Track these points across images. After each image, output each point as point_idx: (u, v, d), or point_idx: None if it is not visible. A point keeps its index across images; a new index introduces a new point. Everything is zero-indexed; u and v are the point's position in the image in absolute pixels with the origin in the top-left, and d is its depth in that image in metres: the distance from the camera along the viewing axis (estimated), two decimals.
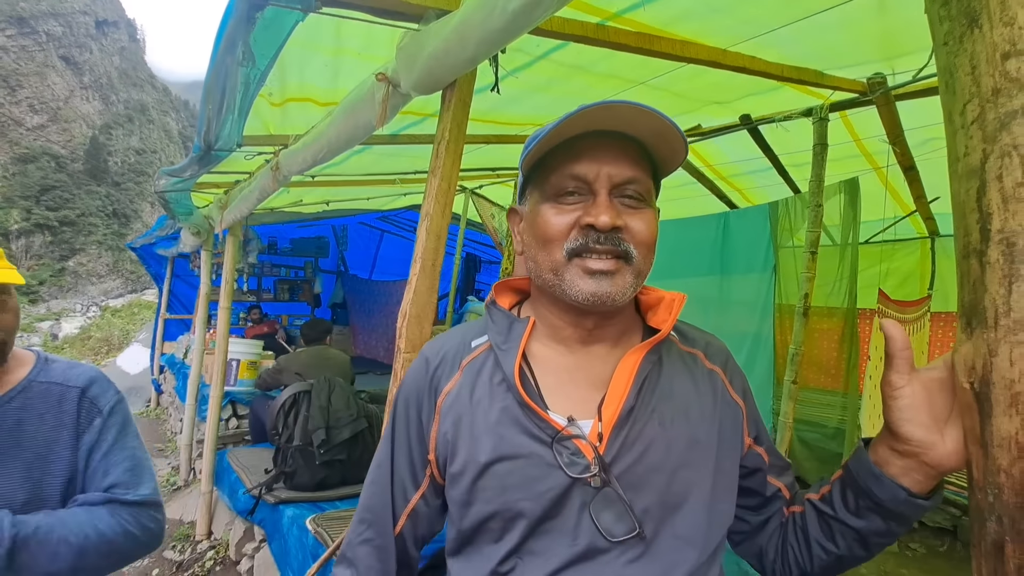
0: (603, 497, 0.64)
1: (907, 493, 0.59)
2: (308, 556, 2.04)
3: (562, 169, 0.68)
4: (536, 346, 0.74)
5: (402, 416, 0.77)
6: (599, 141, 0.67)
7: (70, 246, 35.67)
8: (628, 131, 0.67)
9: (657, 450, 0.66)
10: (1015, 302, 0.42)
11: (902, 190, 3.20)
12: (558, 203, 0.69)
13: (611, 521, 0.63)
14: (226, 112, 1.51)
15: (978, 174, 0.46)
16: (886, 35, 1.73)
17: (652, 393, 0.69)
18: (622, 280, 0.66)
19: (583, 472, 0.64)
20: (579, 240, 0.66)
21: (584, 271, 0.66)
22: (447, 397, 0.72)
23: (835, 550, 0.68)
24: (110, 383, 1.10)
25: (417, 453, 0.75)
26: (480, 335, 0.76)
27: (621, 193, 0.68)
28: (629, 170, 0.67)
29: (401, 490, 0.76)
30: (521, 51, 1.60)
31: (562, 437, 0.65)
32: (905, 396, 0.55)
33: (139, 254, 7.03)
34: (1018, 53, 0.43)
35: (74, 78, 42.37)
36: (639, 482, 0.65)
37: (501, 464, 0.66)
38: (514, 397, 0.68)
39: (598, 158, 0.67)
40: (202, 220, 3.62)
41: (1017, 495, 0.41)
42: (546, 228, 0.68)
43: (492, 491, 0.66)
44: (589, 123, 0.65)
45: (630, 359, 0.68)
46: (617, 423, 0.65)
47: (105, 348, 18.75)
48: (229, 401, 4.24)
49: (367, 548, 0.76)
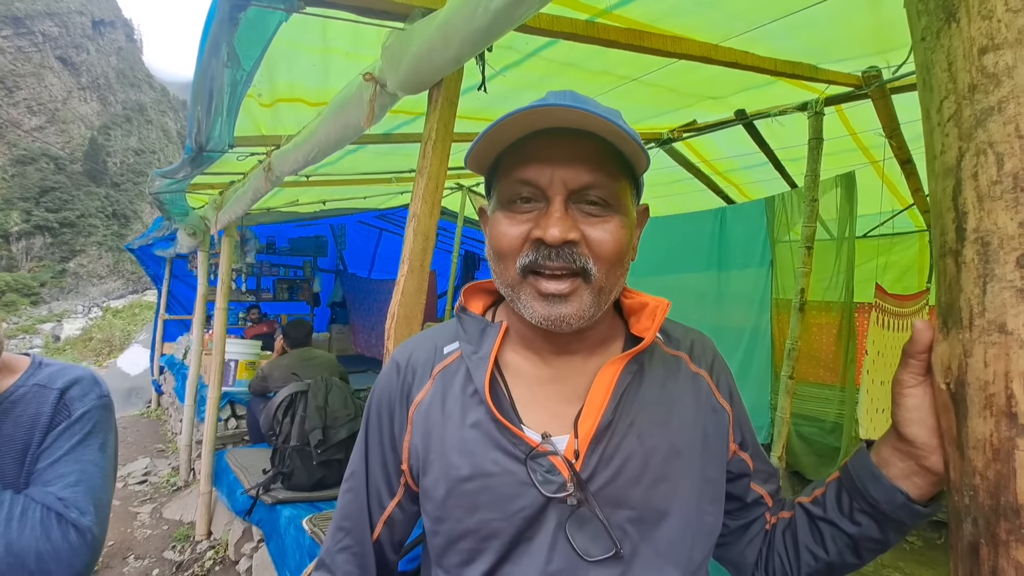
0: (579, 516, 0.61)
1: (905, 497, 0.56)
2: (305, 556, 2.04)
3: (512, 173, 0.62)
4: (509, 355, 0.70)
5: (375, 424, 0.73)
6: (555, 140, 0.60)
7: (70, 247, 35.72)
8: (586, 127, 0.59)
9: (636, 465, 0.63)
10: (989, 302, 0.42)
11: (899, 183, 3.19)
12: (510, 211, 0.63)
13: (588, 541, 0.60)
14: (215, 114, 1.50)
15: (954, 172, 0.45)
16: (880, 28, 1.72)
17: (631, 405, 0.65)
18: (579, 302, 0.61)
19: (558, 490, 0.61)
20: (530, 255, 0.60)
21: (537, 292, 0.61)
22: (419, 406, 0.69)
23: (824, 556, 0.65)
24: (96, 386, 1.02)
25: (391, 461, 0.72)
26: (451, 341, 0.73)
27: (581, 199, 0.61)
28: (588, 174, 0.60)
29: (377, 498, 0.74)
30: (511, 48, 1.60)
31: (536, 454, 0.62)
32: (915, 396, 0.52)
33: (137, 255, 7.03)
34: (996, 47, 0.43)
35: (71, 79, 42.32)
36: (617, 499, 0.62)
37: (472, 482, 0.63)
38: (486, 410, 0.64)
39: (551, 160, 0.60)
40: (198, 221, 3.61)
41: (992, 497, 0.41)
42: (499, 240, 0.63)
43: (463, 509, 0.63)
44: (539, 121, 0.58)
45: (608, 371, 0.65)
46: (594, 439, 0.62)
47: (106, 349, 18.80)
48: (228, 401, 4.25)
49: (345, 555, 0.74)
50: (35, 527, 0.81)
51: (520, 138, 0.62)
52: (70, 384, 0.97)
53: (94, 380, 1.03)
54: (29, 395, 0.95)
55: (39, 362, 1.03)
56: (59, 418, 0.94)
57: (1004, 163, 0.42)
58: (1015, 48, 0.42)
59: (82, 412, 0.96)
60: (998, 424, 0.40)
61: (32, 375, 1.00)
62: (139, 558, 3.17)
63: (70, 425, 0.94)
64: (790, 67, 1.89)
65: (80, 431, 0.94)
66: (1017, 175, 0.41)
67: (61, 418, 0.94)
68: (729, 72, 1.84)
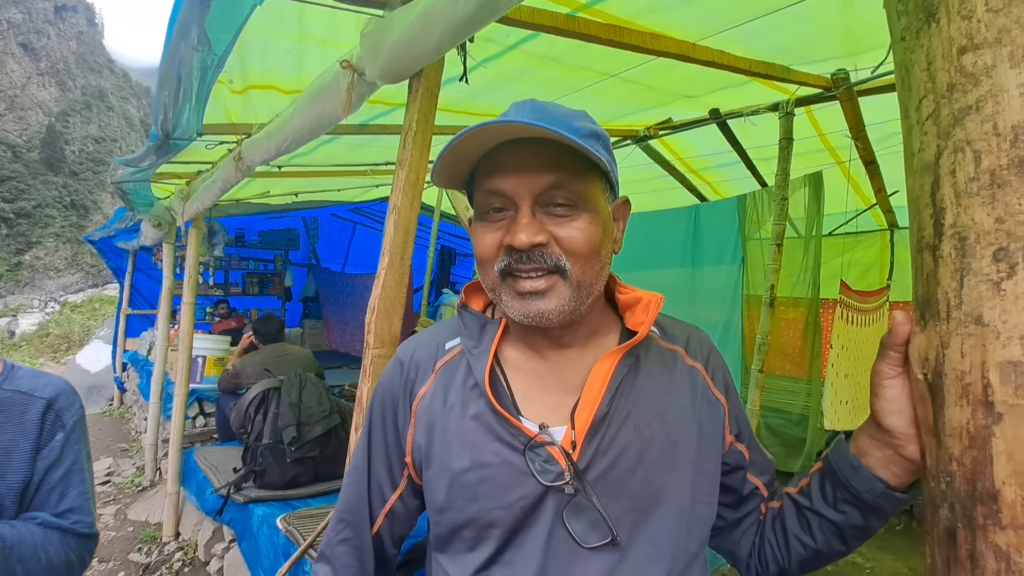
0: (576, 504, 0.63)
1: (885, 485, 0.58)
2: (279, 555, 2.00)
3: (482, 185, 0.66)
4: (508, 350, 0.73)
5: (378, 419, 0.76)
6: (518, 149, 0.63)
7: (26, 239, 34.03)
8: (544, 134, 0.60)
9: (632, 455, 0.65)
10: (966, 295, 0.43)
11: (863, 184, 3.30)
12: (486, 221, 0.66)
13: (585, 529, 0.63)
14: (183, 99, 1.44)
15: (932, 169, 0.47)
16: (850, 30, 1.77)
17: (627, 397, 0.67)
18: (558, 297, 0.63)
19: (556, 479, 0.63)
20: (505, 260, 0.64)
21: (515, 292, 0.64)
22: (422, 401, 0.72)
23: (812, 544, 0.67)
24: (76, 396, 1.06)
25: (394, 455, 0.74)
26: (453, 337, 0.75)
27: (549, 202, 0.63)
28: (550, 177, 0.62)
29: (379, 491, 0.76)
30: (492, 41, 1.58)
31: (534, 444, 0.64)
32: (894, 387, 0.53)
33: (98, 248, 6.75)
34: (975, 47, 0.44)
35: (31, 64, 40.24)
36: (614, 488, 0.64)
37: (473, 472, 0.65)
38: (486, 402, 0.66)
39: (515, 169, 0.63)
40: (163, 212, 3.48)
41: (968, 483, 0.42)
42: (479, 248, 0.67)
43: (464, 499, 0.65)
44: (501, 134, 0.62)
45: (604, 363, 0.66)
46: (590, 429, 0.64)
47: (65, 345, 18.01)
48: (195, 399, 4.12)
49: (345, 547, 0.76)
50: (59, 551, 0.95)
51: (489, 150, 0.65)
52: (56, 395, 1.01)
53: (73, 390, 1.08)
54: (9, 400, 0.96)
55: (11, 366, 1.04)
56: (54, 428, 0.99)
57: (981, 160, 0.43)
58: (994, 48, 0.43)
59: (73, 422, 1.02)
60: (975, 412, 0.42)
61: (7, 378, 1.01)
62: (103, 561, 3.05)
63: (68, 436, 1.00)
64: (764, 67, 1.93)
65: (76, 440, 1.02)
66: (994, 172, 0.42)
67: (56, 428, 1.00)
68: (705, 71, 1.86)
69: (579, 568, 0.62)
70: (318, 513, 2.20)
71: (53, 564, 0.93)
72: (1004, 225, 0.41)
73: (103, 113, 46.70)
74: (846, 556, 0.68)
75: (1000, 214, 0.42)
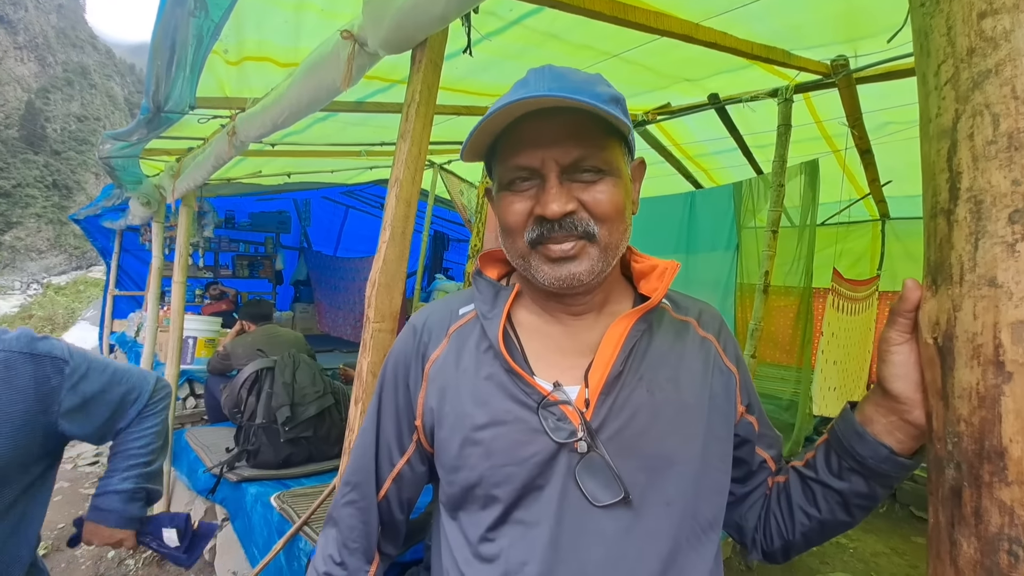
0: (589, 462, 0.63)
1: (889, 451, 0.59)
2: (274, 532, 2.00)
3: (508, 160, 0.67)
4: (522, 313, 0.74)
5: (390, 383, 0.77)
6: (541, 121, 0.64)
7: (6, 219, 33.30)
8: (569, 104, 0.62)
9: (645, 416, 0.65)
10: (980, 258, 0.43)
11: (858, 173, 3.32)
12: (513, 192, 0.67)
13: (597, 487, 0.63)
14: (177, 69, 1.41)
15: (949, 134, 0.47)
16: (850, 16, 1.76)
17: (641, 360, 0.68)
18: (588, 260, 0.65)
19: (569, 437, 0.63)
20: (536, 230, 0.65)
21: (546, 258, 0.66)
22: (434, 364, 0.72)
23: (817, 514, 0.68)
24: (47, 337, 1.08)
25: (404, 419, 0.75)
26: (467, 303, 0.76)
27: (574, 171, 0.65)
28: (576, 148, 0.64)
29: (387, 455, 0.77)
30: (494, 15, 1.56)
31: (548, 402, 0.64)
32: (902, 353, 0.54)
33: (83, 227, 6.60)
34: (994, 12, 0.44)
35: (8, 37, 39.03)
36: (626, 448, 0.64)
37: (487, 430, 0.66)
38: (500, 363, 0.67)
39: (541, 143, 0.64)
40: (152, 190, 3.41)
41: (976, 442, 0.43)
42: (506, 218, 0.68)
43: (478, 457, 0.66)
44: (522, 108, 0.62)
45: (618, 326, 0.67)
46: (604, 389, 0.65)
47: (49, 327, 17.75)
48: (186, 380, 4.09)
49: (350, 509, 0.77)
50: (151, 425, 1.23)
51: (512, 121, 0.65)
52: (46, 348, 1.04)
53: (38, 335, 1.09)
54: (10, 361, 0.97)
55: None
56: (63, 368, 1.04)
57: (1000, 123, 0.43)
58: (1013, 12, 0.43)
59: (69, 353, 1.08)
60: (985, 372, 0.42)
61: None
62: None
63: (75, 368, 1.06)
64: (765, 51, 1.92)
65: (81, 357, 1.09)
66: (1012, 135, 0.42)
67: (64, 366, 1.05)
68: (706, 54, 1.85)
69: (593, 526, 0.63)
70: (312, 492, 2.20)
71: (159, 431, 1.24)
72: (1021, 187, 0.42)
73: (86, 90, 45.55)
74: (850, 528, 0.69)
75: (1017, 176, 0.42)
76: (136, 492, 1.21)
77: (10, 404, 0.95)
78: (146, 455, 1.22)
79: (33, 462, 1.03)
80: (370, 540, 0.78)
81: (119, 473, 1.20)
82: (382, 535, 0.79)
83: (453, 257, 8.11)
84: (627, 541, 0.63)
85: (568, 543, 0.63)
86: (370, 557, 0.78)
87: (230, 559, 2.43)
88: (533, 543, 0.64)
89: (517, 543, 0.64)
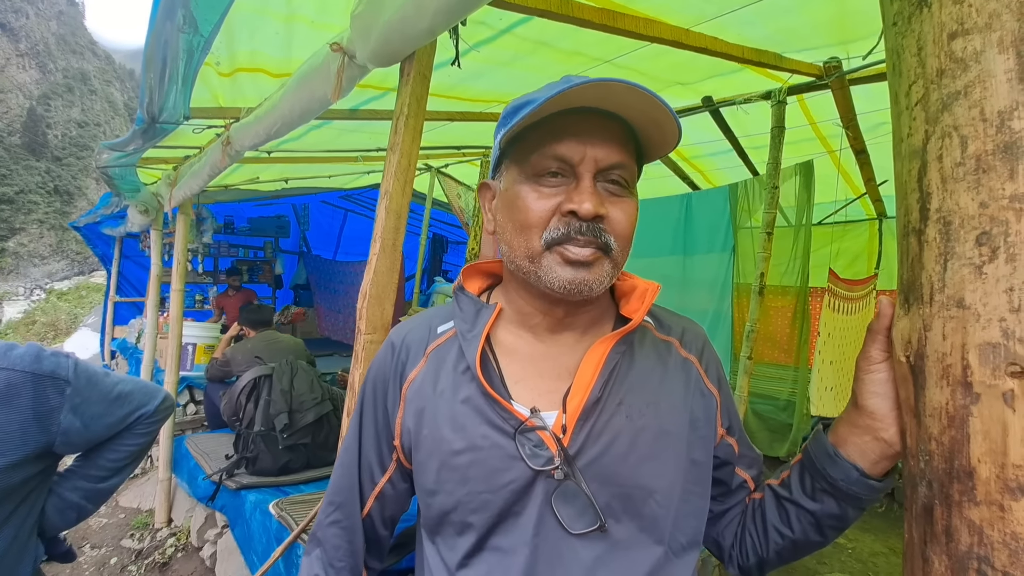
0: (565, 490, 0.62)
1: (859, 473, 0.59)
2: (272, 540, 2.01)
3: (544, 148, 0.63)
4: (502, 334, 0.72)
5: (369, 401, 0.76)
6: (586, 119, 0.62)
7: (9, 225, 33.37)
8: (618, 111, 0.62)
9: (623, 442, 0.64)
10: (949, 279, 0.44)
11: (853, 173, 3.32)
12: (538, 185, 0.64)
13: (573, 514, 0.62)
14: (169, 82, 1.42)
15: (920, 155, 0.47)
16: (842, 18, 1.77)
17: (620, 384, 0.66)
18: (600, 270, 0.63)
19: (546, 464, 0.62)
20: (560, 230, 0.62)
21: (563, 259, 0.62)
22: (412, 384, 0.71)
23: (790, 534, 0.68)
24: (54, 353, 1.07)
25: (384, 438, 0.74)
26: (446, 320, 0.75)
27: (605, 178, 0.63)
28: (617, 154, 0.63)
29: (368, 473, 0.76)
30: (484, 24, 1.56)
31: (525, 428, 0.63)
32: (881, 371, 0.54)
33: (83, 234, 6.62)
34: (965, 32, 0.44)
35: (10, 45, 39.12)
36: (604, 475, 0.63)
37: (463, 456, 0.65)
38: (477, 386, 0.66)
39: (584, 139, 0.62)
40: (150, 198, 3.42)
41: (946, 461, 0.43)
42: (525, 213, 0.64)
43: (454, 483, 0.65)
44: (577, 99, 0.60)
45: (598, 349, 0.66)
46: (582, 415, 0.64)
47: (52, 333, 17.80)
48: (186, 386, 4.10)
49: (335, 529, 0.77)
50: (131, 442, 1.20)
51: (552, 114, 0.62)
52: (51, 366, 1.02)
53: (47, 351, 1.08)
54: (12, 379, 0.96)
55: None
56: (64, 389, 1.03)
57: (968, 146, 0.43)
58: (984, 33, 0.43)
59: (74, 365, 1.06)
60: (954, 393, 0.43)
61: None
62: (95, 547, 3.05)
63: (77, 389, 1.04)
64: (756, 55, 1.92)
65: (86, 378, 1.07)
66: (980, 157, 0.43)
67: (66, 388, 1.03)
68: (698, 58, 1.85)
69: (569, 554, 0.62)
70: (310, 499, 2.21)
71: (138, 451, 1.21)
72: (987, 210, 0.42)
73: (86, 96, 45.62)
74: (823, 547, 0.69)
75: (984, 199, 0.42)
76: (71, 506, 1.16)
77: (8, 424, 0.96)
78: (108, 470, 1.19)
79: (31, 476, 1.04)
80: (356, 558, 0.77)
81: (72, 480, 1.17)
82: (366, 552, 0.79)
83: (452, 259, 8.12)
84: (604, 569, 0.62)
85: (544, 571, 0.62)
86: (357, 574, 0.77)
87: (230, 566, 2.44)
88: (509, 570, 0.63)
89: (494, 570, 0.64)
